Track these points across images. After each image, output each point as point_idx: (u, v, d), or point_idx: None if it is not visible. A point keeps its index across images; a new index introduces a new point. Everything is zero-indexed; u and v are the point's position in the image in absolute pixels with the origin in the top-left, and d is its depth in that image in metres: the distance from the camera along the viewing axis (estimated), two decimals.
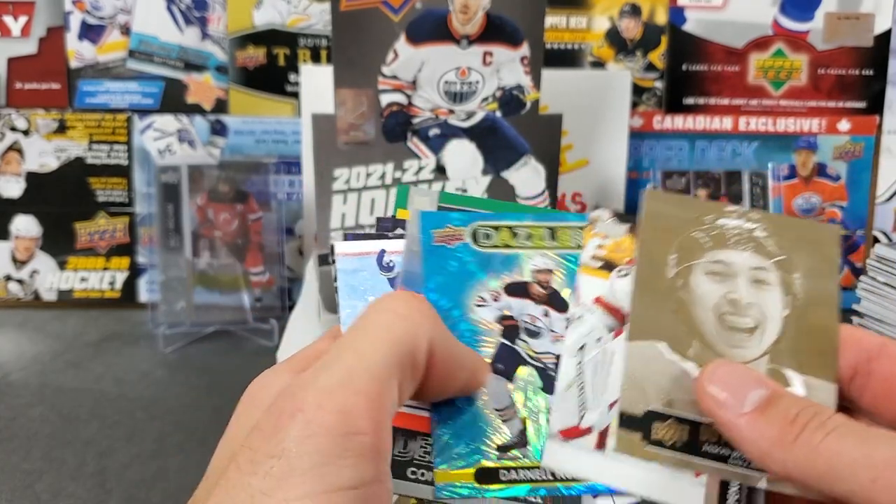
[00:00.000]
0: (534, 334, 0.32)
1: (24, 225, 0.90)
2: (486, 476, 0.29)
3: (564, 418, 0.30)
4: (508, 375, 0.31)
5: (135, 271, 0.91)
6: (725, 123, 0.90)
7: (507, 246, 0.34)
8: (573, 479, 0.30)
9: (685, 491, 0.29)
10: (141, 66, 0.88)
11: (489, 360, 0.31)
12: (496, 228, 0.34)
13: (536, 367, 0.32)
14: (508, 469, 0.29)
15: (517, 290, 0.33)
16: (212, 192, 0.83)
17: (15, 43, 0.88)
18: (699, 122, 0.90)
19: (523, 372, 0.32)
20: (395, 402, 0.24)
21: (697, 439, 0.28)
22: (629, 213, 0.33)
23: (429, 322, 0.26)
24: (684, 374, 0.29)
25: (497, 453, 0.30)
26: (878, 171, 0.91)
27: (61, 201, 0.90)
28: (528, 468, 0.30)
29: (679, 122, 0.90)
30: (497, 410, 0.30)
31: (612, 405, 0.30)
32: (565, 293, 0.33)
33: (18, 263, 0.90)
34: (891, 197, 0.92)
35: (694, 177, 0.83)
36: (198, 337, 0.81)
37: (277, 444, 0.22)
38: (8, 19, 0.88)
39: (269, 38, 0.88)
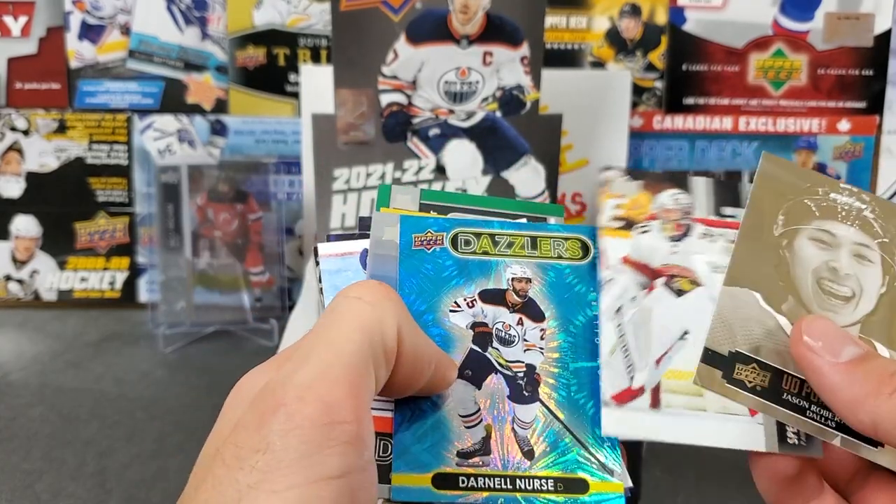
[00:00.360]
0: (506, 342, 0.32)
1: (24, 225, 0.90)
2: (444, 482, 0.29)
3: (615, 383, 0.30)
4: (477, 382, 0.31)
5: (135, 271, 0.91)
6: (725, 123, 0.90)
7: (486, 253, 0.33)
8: (533, 491, 0.29)
9: (744, 433, 0.30)
10: (141, 66, 0.88)
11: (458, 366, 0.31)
12: (477, 235, 0.33)
13: (505, 376, 0.31)
14: (468, 476, 0.29)
15: (493, 297, 0.32)
16: (212, 192, 0.83)
17: (15, 43, 0.88)
18: (699, 122, 0.90)
19: (492, 380, 0.31)
20: (372, 390, 0.25)
21: (779, 387, 0.29)
22: (636, 170, 0.34)
23: (396, 308, 0.26)
24: (776, 325, 0.30)
25: (458, 459, 0.29)
26: (878, 172, 0.91)
27: (61, 201, 0.90)
28: (489, 476, 0.29)
29: (679, 122, 0.90)
30: (462, 416, 0.30)
31: (658, 361, 0.31)
32: (543, 304, 0.33)
33: (18, 263, 0.90)
34: (891, 197, 0.92)
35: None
36: (198, 337, 0.81)
37: (262, 439, 0.22)
38: (8, 19, 0.88)
39: (269, 38, 0.88)
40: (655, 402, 0.30)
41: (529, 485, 0.29)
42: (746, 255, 0.31)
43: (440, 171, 0.71)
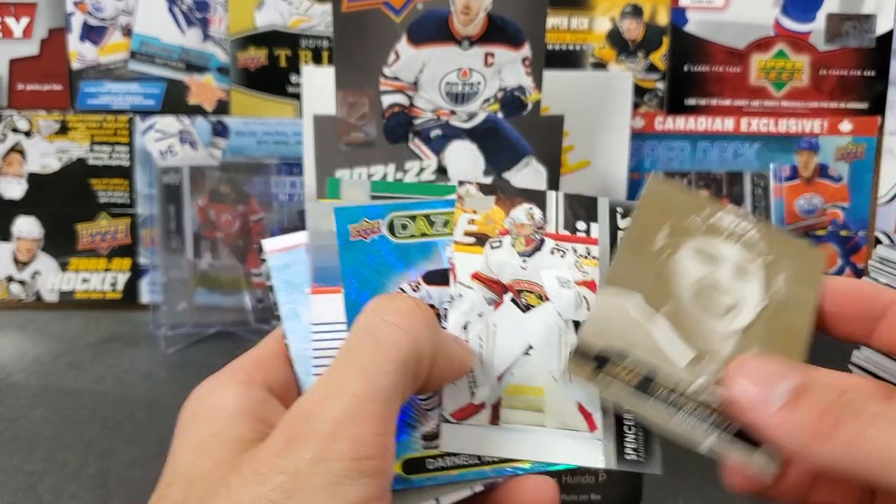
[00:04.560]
0: None
1: (26, 226, 0.90)
2: (414, 466, 0.29)
3: (456, 399, 0.30)
4: None
5: (136, 272, 0.91)
6: (727, 124, 0.90)
7: (424, 234, 0.33)
8: (500, 461, 0.30)
9: (583, 449, 0.30)
10: (142, 68, 0.88)
11: None
12: (412, 218, 0.33)
13: None
14: (435, 457, 0.29)
15: (436, 278, 0.32)
16: (213, 193, 0.83)
17: (17, 44, 0.88)
18: (701, 124, 0.90)
19: None
20: (396, 415, 0.25)
21: (649, 387, 0.29)
22: (492, 184, 0.34)
23: (430, 332, 0.27)
24: (653, 324, 0.30)
25: (424, 443, 0.30)
26: (879, 173, 0.91)
27: (63, 202, 0.90)
28: (454, 455, 0.30)
29: (681, 123, 0.90)
30: (421, 400, 0.30)
31: (500, 377, 0.31)
32: None
33: (20, 265, 0.90)
34: (893, 198, 0.91)
35: (696, 178, 0.83)
36: (199, 338, 0.81)
37: (289, 463, 0.23)
38: (10, 20, 0.88)
39: (270, 39, 0.88)
40: (495, 418, 0.30)
41: (495, 457, 0.30)
42: (628, 261, 0.31)
43: (442, 171, 0.71)
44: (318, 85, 0.79)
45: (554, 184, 0.73)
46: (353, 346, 0.26)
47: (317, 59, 0.88)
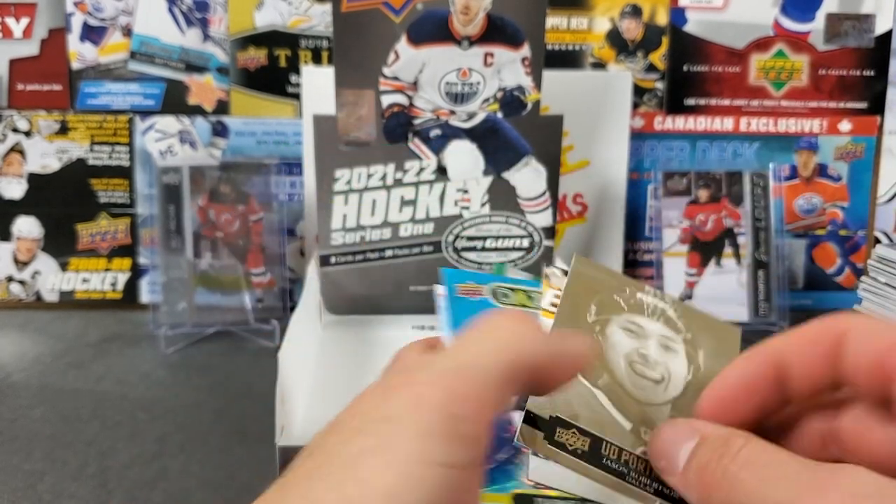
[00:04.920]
0: None
1: (26, 226, 0.90)
2: (523, 501, 0.32)
3: None
4: None
5: (136, 272, 0.91)
6: (726, 124, 0.90)
7: (524, 306, 0.38)
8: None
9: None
10: (142, 68, 0.88)
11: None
12: (513, 290, 0.38)
13: None
14: (542, 497, 0.32)
15: None
16: (213, 193, 0.83)
17: (17, 44, 0.88)
18: (700, 123, 0.90)
19: None
20: (498, 405, 0.25)
21: (599, 452, 0.30)
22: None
23: (534, 337, 0.28)
24: (593, 397, 0.32)
25: (530, 483, 0.33)
26: (878, 172, 0.91)
27: (63, 203, 0.90)
28: (560, 499, 0.32)
29: (680, 122, 0.90)
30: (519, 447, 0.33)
31: None
32: None
33: (20, 264, 0.91)
34: (892, 198, 0.92)
35: (695, 177, 0.83)
36: (199, 338, 0.81)
37: (386, 410, 0.23)
38: (10, 21, 0.88)
39: (270, 39, 0.88)
40: None
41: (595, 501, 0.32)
42: None
43: (441, 171, 0.71)
44: (318, 85, 0.80)
45: (553, 183, 0.73)
46: (457, 340, 0.28)
47: (317, 59, 0.88)
